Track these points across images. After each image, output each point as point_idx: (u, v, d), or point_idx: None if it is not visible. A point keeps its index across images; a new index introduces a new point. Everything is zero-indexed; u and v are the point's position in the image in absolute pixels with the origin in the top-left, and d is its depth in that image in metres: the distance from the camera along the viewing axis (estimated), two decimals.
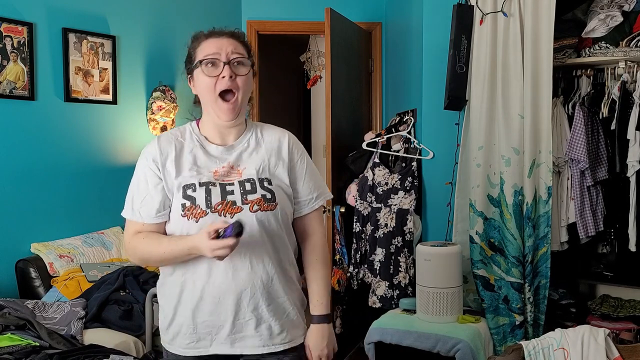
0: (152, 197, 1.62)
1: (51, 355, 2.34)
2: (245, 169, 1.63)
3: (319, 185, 1.75)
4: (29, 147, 3.36)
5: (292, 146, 1.70)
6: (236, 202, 1.57)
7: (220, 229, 1.47)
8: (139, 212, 1.63)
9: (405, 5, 4.02)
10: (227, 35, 1.62)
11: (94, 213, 3.69)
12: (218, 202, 1.56)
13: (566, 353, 2.23)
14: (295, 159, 1.70)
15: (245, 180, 1.60)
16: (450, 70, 3.15)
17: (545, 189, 3.04)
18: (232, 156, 1.64)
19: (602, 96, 3.26)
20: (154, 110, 3.97)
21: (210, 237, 1.46)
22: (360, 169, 3.85)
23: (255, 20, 4.71)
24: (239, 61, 1.60)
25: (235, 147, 1.66)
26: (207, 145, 1.65)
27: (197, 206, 1.56)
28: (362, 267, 3.62)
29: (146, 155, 1.65)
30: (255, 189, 1.59)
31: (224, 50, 1.58)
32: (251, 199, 1.58)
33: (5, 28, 3.23)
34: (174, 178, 1.60)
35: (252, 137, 1.68)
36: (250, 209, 1.57)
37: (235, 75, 1.58)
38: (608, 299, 3.37)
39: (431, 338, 2.86)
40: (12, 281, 3.20)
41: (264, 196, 1.59)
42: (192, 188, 1.58)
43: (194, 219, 1.56)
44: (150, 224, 1.63)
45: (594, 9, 3.29)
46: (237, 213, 1.56)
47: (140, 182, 1.64)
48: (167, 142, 1.65)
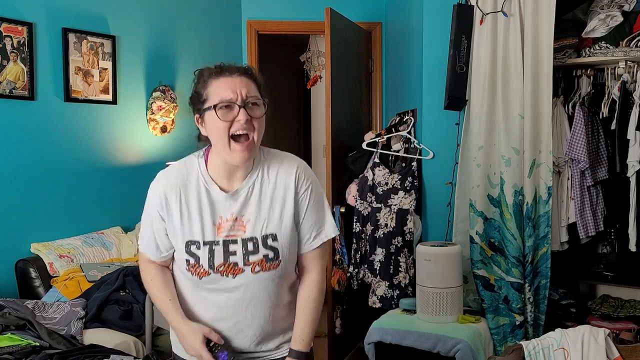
0: (158, 239, 1.65)
1: (51, 355, 2.34)
2: (249, 222, 1.58)
3: (321, 223, 1.68)
4: (29, 147, 3.36)
5: (297, 183, 1.63)
6: (238, 263, 1.57)
7: (213, 342, 1.53)
8: (146, 247, 1.68)
9: (405, 5, 4.02)
10: (239, 73, 1.55)
11: (94, 213, 3.68)
12: (220, 264, 1.57)
13: (566, 353, 2.23)
14: (300, 194, 1.64)
15: (248, 240, 1.58)
16: (450, 70, 3.15)
17: (545, 189, 3.04)
18: (237, 204, 1.59)
19: (602, 96, 3.26)
20: (154, 110, 3.97)
21: (204, 343, 1.53)
22: (360, 169, 3.85)
23: (255, 20, 4.71)
24: (254, 102, 1.54)
25: (239, 193, 1.59)
26: (213, 190, 1.60)
27: (201, 265, 1.58)
28: (362, 267, 3.62)
29: (153, 198, 1.63)
30: (257, 249, 1.57)
31: (238, 93, 1.52)
32: (253, 260, 1.57)
33: (5, 28, 3.23)
34: (179, 230, 1.59)
35: (258, 179, 1.61)
36: (252, 271, 1.58)
37: (250, 117, 1.53)
38: (608, 299, 3.37)
39: (431, 338, 2.86)
40: (12, 281, 3.20)
41: (266, 256, 1.58)
42: (196, 245, 1.58)
43: (197, 276, 1.59)
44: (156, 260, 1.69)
45: (594, 9, 3.29)
46: (239, 274, 1.57)
47: (147, 221, 1.66)
48: (172, 188, 1.60)
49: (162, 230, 1.63)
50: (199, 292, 1.63)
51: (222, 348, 1.53)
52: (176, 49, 4.21)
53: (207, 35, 4.43)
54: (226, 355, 1.51)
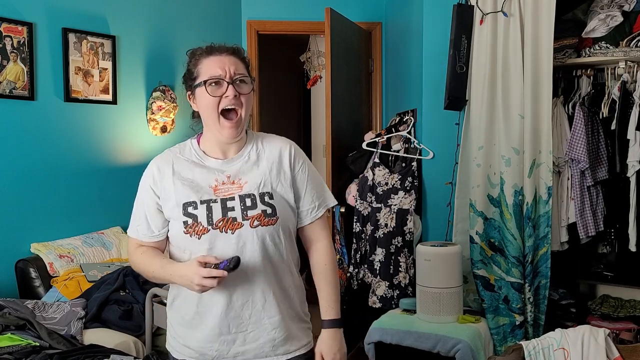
0: (149, 218, 1.67)
1: (51, 355, 2.34)
2: (247, 183, 1.63)
3: (321, 193, 1.75)
4: (29, 147, 3.36)
5: (293, 157, 1.70)
6: (237, 218, 1.59)
7: (210, 263, 1.50)
8: (137, 229, 1.70)
9: (405, 5, 4.02)
10: (228, 52, 1.65)
11: (94, 213, 3.68)
12: (219, 219, 1.58)
13: (566, 353, 2.23)
14: (296, 169, 1.70)
15: (245, 195, 1.61)
16: (450, 70, 3.15)
17: (545, 189, 3.04)
18: (232, 169, 1.65)
19: (602, 96, 3.26)
20: (154, 110, 3.97)
21: (201, 266, 1.50)
22: (360, 169, 3.85)
23: (255, 20, 4.71)
24: (241, 80, 1.62)
25: (235, 160, 1.66)
26: (206, 159, 1.67)
27: (199, 223, 1.59)
28: (362, 267, 3.62)
29: (146, 176, 1.69)
30: (255, 204, 1.60)
31: (227, 70, 1.60)
32: (252, 215, 1.59)
33: (5, 28, 3.23)
34: (174, 196, 1.62)
35: (253, 150, 1.69)
36: (250, 225, 1.59)
37: (238, 93, 1.60)
38: (608, 299, 3.37)
39: (431, 338, 2.86)
40: (12, 281, 3.20)
41: (265, 211, 1.60)
42: (193, 205, 1.60)
43: (196, 236, 1.59)
44: (148, 241, 1.69)
45: (594, 9, 3.29)
46: (238, 229, 1.58)
47: (139, 201, 1.70)
48: (166, 161, 1.68)
49: (154, 206, 1.66)
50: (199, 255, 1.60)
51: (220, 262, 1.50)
52: (176, 49, 4.21)
53: (207, 35, 4.40)
54: (225, 262, 1.48)
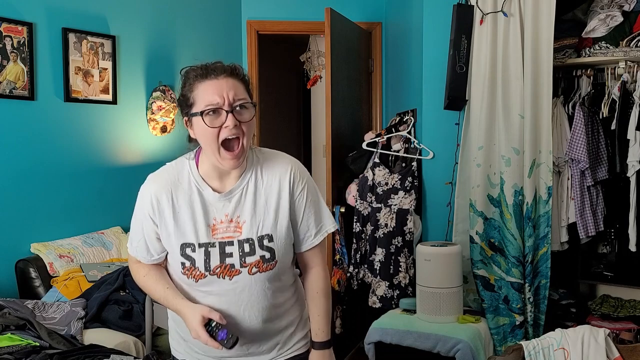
0: (149, 243, 1.63)
1: (51, 355, 2.34)
2: (245, 223, 1.56)
3: (319, 219, 1.66)
4: (29, 147, 3.36)
5: (292, 184, 1.60)
6: (235, 265, 1.55)
7: (214, 322, 1.50)
8: (136, 250, 1.66)
9: (405, 5, 4.02)
10: (225, 74, 1.49)
11: (94, 213, 3.68)
12: (217, 265, 1.54)
13: (566, 353, 2.23)
14: (295, 196, 1.61)
15: (244, 241, 1.55)
16: (450, 70, 3.16)
17: (545, 189, 3.05)
18: (231, 205, 1.56)
19: (602, 96, 3.26)
20: (153, 110, 3.97)
21: (203, 322, 1.49)
22: (360, 169, 3.85)
23: (255, 20, 4.71)
24: (242, 105, 1.49)
25: (233, 193, 1.57)
26: (206, 191, 1.57)
27: (197, 268, 1.55)
28: (362, 267, 3.62)
29: (144, 202, 1.59)
30: (254, 250, 1.55)
31: (225, 97, 1.46)
32: (250, 262, 1.55)
33: (5, 28, 3.23)
34: (172, 235, 1.57)
35: (252, 179, 1.58)
36: (248, 272, 1.56)
37: (239, 122, 1.48)
38: (608, 299, 3.37)
39: (431, 338, 2.86)
40: (12, 281, 3.20)
41: (263, 257, 1.56)
42: (191, 248, 1.55)
43: (193, 279, 1.57)
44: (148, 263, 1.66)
45: (594, 9, 3.29)
46: (236, 275, 1.55)
47: (138, 223, 1.63)
48: (164, 190, 1.57)
49: (153, 234, 1.60)
50: (195, 295, 1.60)
51: (223, 327, 1.50)
52: (176, 49, 4.21)
53: (207, 35, 4.44)
54: (225, 333, 1.48)
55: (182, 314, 1.55)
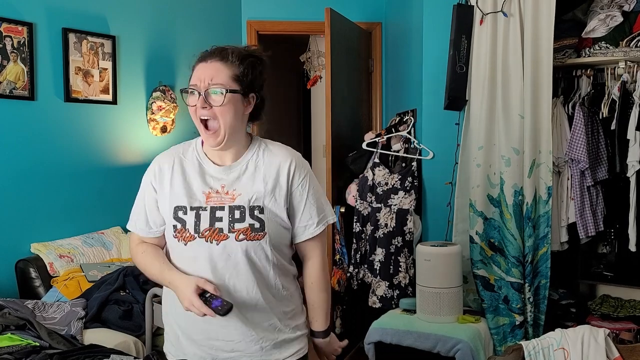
0: (148, 214, 1.69)
1: (51, 355, 2.33)
2: (240, 195, 1.61)
3: (320, 210, 1.71)
4: (29, 147, 3.36)
5: (292, 172, 1.66)
6: (223, 229, 1.58)
7: (209, 293, 1.51)
8: (135, 223, 1.72)
9: (405, 5, 4.02)
10: (216, 58, 1.59)
11: (94, 213, 3.68)
12: (206, 228, 1.59)
13: (566, 353, 2.23)
14: (294, 186, 1.66)
15: (235, 207, 1.59)
16: (450, 70, 3.16)
17: (545, 189, 3.05)
18: (229, 178, 1.63)
19: (602, 96, 3.26)
20: (154, 110, 3.97)
21: (197, 291, 1.51)
22: (360, 169, 3.85)
23: (255, 20, 4.71)
24: (213, 90, 1.56)
25: (233, 169, 1.64)
26: (206, 163, 1.66)
27: (187, 230, 1.60)
28: (362, 267, 3.62)
29: (149, 171, 1.70)
30: (243, 217, 1.59)
31: (202, 79, 1.57)
32: (238, 228, 1.58)
33: (5, 28, 3.23)
34: (168, 197, 1.64)
35: (252, 160, 1.66)
36: (236, 238, 1.58)
37: (210, 105, 1.57)
38: (608, 299, 3.37)
39: (431, 338, 2.86)
40: (12, 281, 3.20)
41: (252, 225, 1.59)
42: (183, 210, 1.61)
43: (183, 242, 1.61)
44: (146, 237, 1.71)
45: (594, 9, 3.29)
46: (224, 240, 1.58)
47: (140, 196, 1.71)
48: (168, 160, 1.68)
49: (153, 202, 1.67)
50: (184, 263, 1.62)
51: (217, 297, 1.50)
52: (176, 49, 4.20)
53: (207, 35, 4.43)
54: (220, 301, 1.49)
55: (175, 285, 1.58)
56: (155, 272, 1.66)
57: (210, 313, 1.49)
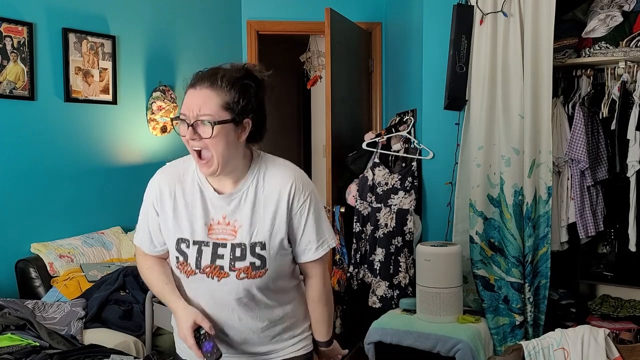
0: (152, 234, 1.68)
1: (51, 355, 2.33)
2: (241, 227, 1.57)
3: (320, 235, 1.66)
4: (29, 147, 3.36)
5: (292, 197, 1.59)
6: (224, 267, 1.57)
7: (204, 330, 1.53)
8: (141, 241, 1.72)
9: (405, 5, 4.02)
10: (205, 85, 1.49)
11: (94, 213, 3.68)
12: (207, 265, 1.57)
13: (566, 353, 2.23)
14: (294, 211, 1.60)
15: (237, 245, 1.57)
16: (450, 70, 3.16)
17: (545, 189, 3.05)
18: (230, 207, 1.58)
19: (602, 96, 3.26)
20: (154, 110, 3.97)
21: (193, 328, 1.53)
22: (360, 169, 3.85)
23: (255, 20, 4.71)
24: (202, 121, 1.48)
25: (233, 197, 1.58)
26: (207, 190, 1.60)
27: (188, 264, 1.59)
28: (362, 267, 3.62)
29: (150, 191, 1.65)
30: (244, 256, 1.56)
31: (192, 109, 1.48)
32: (239, 267, 1.56)
33: (5, 28, 3.23)
34: (171, 227, 1.61)
35: (252, 186, 1.59)
36: (237, 277, 1.57)
37: (199, 136, 1.49)
38: (608, 299, 3.37)
39: (431, 338, 2.86)
40: (12, 281, 3.20)
41: (253, 264, 1.57)
42: (186, 243, 1.59)
43: (184, 275, 1.61)
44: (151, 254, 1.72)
45: (594, 9, 3.29)
46: (224, 277, 1.57)
47: (144, 214, 1.69)
48: (169, 182, 1.62)
49: (156, 224, 1.65)
50: (188, 291, 1.65)
51: (210, 338, 1.51)
52: (176, 49, 4.21)
53: (207, 35, 4.43)
54: (211, 346, 1.49)
55: (175, 312, 1.60)
56: (158, 291, 1.67)
57: (199, 355, 1.51)
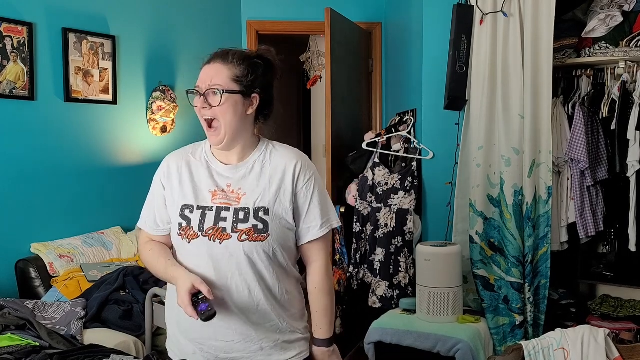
0: (157, 212, 1.73)
1: (51, 355, 2.33)
2: (245, 195, 1.64)
3: (324, 214, 1.70)
4: (29, 147, 3.36)
5: (297, 174, 1.67)
6: (226, 229, 1.60)
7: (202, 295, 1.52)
8: (145, 221, 1.77)
9: (405, 5, 4.02)
10: (218, 60, 1.65)
11: (94, 213, 3.68)
12: (210, 227, 1.61)
13: (566, 353, 2.23)
14: (299, 187, 1.67)
15: (240, 209, 1.62)
16: (450, 70, 3.16)
17: (545, 189, 3.05)
18: (235, 176, 1.66)
19: (602, 96, 3.26)
20: (154, 110, 3.97)
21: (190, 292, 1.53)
22: (360, 169, 3.85)
23: (255, 20, 4.71)
24: (212, 91, 1.61)
25: (239, 168, 1.67)
26: (213, 162, 1.69)
27: (191, 228, 1.63)
28: (362, 267, 3.62)
29: (160, 170, 1.75)
30: (247, 218, 1.61)
31: (203, 81, 1.62)
32: (241, 228, 1.60)
33: (5, 28, 3.23)
34: (176, 195, 1.68)
35: (259, 160, 1.68)
36: (238, 238, 1.60)
37: (210, 105, 1.61)
38: (608, 299, 3.37)
39: (431, 338, 2.86)
40: (12, 281, 3.20)
41: (255, 227, 1.60)
42: (190, 209, 1.64)
43: (187, 239, 1.63)
44: (154, 235, 1.74)
45: (594, 9, 3.29)
46: (226, 240, 1.60)
47: (151, 194, 1.76)
48: (177, 159, 1.73)
49: (161, 200, 1.71)
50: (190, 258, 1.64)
51: (207, 301, 1.51)
52: (176, 49, 4.20)
53: (207, 36, 4.43)
54: (206, 306, 1.50)
55: (176, 280, 1.60)
56: (161, 268, 1.67)
57: (193, 314, 1.51)
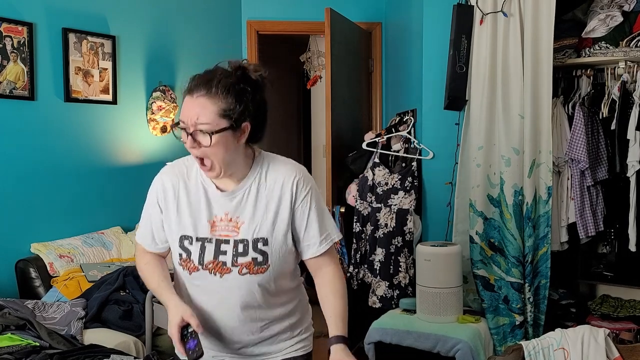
0: (154, 231, 1.69)
1: (51, 355, 2.33)
2: (244, 224, 1.59)
3: (323, 230, 1.66)
4: (29, 147, 3.36)
5: (295, 192, 1.61)
6: (226, 263, 1.58)
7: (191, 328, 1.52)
8: (143, 237, 1.73)
9: (405, 5, 4.02)
10: (201, 93, 1.48)
11: (94, 213, 3.68)
12: (210, 261, 1.59)
13: (566, 353, 2.23)
14: (297, 204, 1.62)
15: (239, 241, 1.59)
16: (450, 70, 3.16)
17: (545, 189, 3.05)
18: (232, 204, 1.60)
19: (602, 96, 3.26)
20: (154, 110, 3.97)
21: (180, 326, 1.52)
22: (360, 169, 3.85)
23: (255, 20, 4.71)
24: (201, 130, 1.48)
25: (235, 194, 1.60)
26: (209, 187, 1.62)
27: (191, 261, 1.60)
28: (362, 267, 3.62)
29: (154, 188, 1.67)
30: (246, 251, 1.58)
31: (189, 118, 1.49)
32: (241, 262, 1.58)
33: (5, 28, 3.23)
34: (174, 224, 1.63)
35: (254, 183, 1.61)
36: (239, 272, 1.58)
37: (199, 144, 1.50)
38: (608, 299, 3.37)
39: (431, 338, 2.86)
40: (12, 281, 3.20)
41: (255, 259, 1.58)
42: (189, 240, 1.61)
43: (187, 271, 1.62)
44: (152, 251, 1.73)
45: (594, 9, 3.29)
46: (227, 273, 1.59)
47: (147, 211, 1.70)
48: (172, 179, 1.64)
49: (159, 221, 1.67)
50: (189, 288, 1.65)
51: (196, 336, 1.52)
52: (176, 49, 4.20)
53: (207, 36, 4.43)
54: (194, 344, 1.50)
55: (166, 306, 1.61)
56: (154, 286, 1.68)
57: (181, 351, 1.52)
